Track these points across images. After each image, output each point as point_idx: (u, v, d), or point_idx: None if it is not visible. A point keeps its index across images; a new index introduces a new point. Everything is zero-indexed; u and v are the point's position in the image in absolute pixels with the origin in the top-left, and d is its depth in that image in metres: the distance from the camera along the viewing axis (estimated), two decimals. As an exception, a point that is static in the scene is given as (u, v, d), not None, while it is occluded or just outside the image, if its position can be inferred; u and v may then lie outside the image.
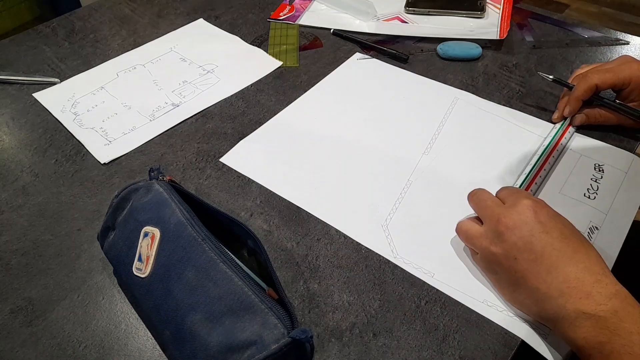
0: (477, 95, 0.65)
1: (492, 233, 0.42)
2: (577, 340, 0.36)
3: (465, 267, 0.46)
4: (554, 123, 0.60)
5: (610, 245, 0.47)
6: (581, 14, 2.31)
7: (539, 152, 0.55)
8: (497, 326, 0.42)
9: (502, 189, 0.46)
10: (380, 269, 0.46)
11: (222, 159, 0.58)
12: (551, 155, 0.54)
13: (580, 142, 0.58)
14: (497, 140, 0.58)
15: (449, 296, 0.44)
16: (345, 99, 0.65)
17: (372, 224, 0.50)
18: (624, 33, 0.75)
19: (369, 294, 0.45)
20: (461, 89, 0.66)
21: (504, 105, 0.63)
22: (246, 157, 0.58)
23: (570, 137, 0.58)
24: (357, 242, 0.49)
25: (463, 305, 0.43)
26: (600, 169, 0.54)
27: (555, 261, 0.39)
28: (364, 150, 0.58)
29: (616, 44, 0.72)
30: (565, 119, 0.59)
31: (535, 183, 0.52)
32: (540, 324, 0.41)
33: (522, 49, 0.73)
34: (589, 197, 0.51)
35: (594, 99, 0.58)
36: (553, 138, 0.57)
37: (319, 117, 0.63)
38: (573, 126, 0.59)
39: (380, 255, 0.47)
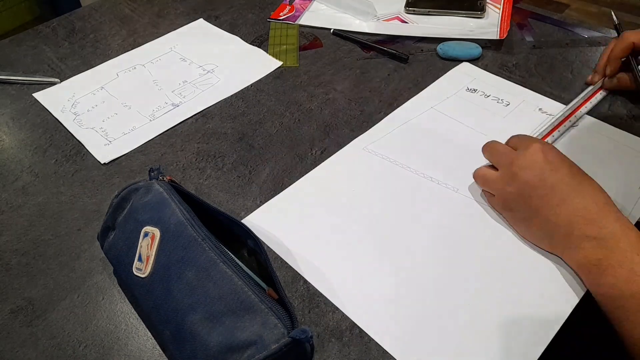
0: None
1: (507, 175, 0.47)
2: (579, 259, 0.42)
3: None
4: (588, 85, 0.63)
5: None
6: (581, 14, 2.31)
7: (562, 110, 0.58)
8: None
9: (512, 137, 0.50)
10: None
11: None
12: (573, 114, 0.56)
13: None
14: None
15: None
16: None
17: None
18: (624, 33, 0.75)
19: (369, 294, 0.45)
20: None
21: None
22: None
23: (599, 102, 0.60)
24: None
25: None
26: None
27: (566, 194, 0.43)
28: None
29: (616, 44, 0.72)
30: (601, 79, 0.62)
31: (552, 136, 0.54)
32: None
33: (522, 49, 0.73)
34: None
35: (632, 61, 0.60)
36: (581, 98, 0.59)
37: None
38: (604, 90, 0.62)
39: (380, 255, 0.47)
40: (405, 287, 0.44)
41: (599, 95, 0.61)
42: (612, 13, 0.66)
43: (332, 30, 0.78)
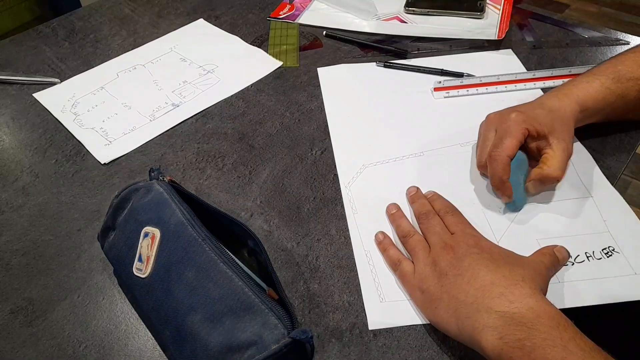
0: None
1: (433, 256, 0.43)
2: (492, 342, 0.34)
3: None
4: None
5: None
6: (581, 14, 2.31)
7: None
8: (497, 326, 0.42)
9: (434, 196, 0.49)
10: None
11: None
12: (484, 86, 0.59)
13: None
14: None
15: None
16: None
17: None
18: (624, 33, 0.75)
19: (369, 294, 0.45)
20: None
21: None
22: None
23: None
24: None
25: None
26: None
27: (477, 272, 0.39)
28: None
29: (616, 44, 0.72)
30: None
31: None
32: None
33: (523, 49, 0.73)
34: None
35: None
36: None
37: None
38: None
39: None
40: None
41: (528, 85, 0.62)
42: None
43: (324, 33, 0.77)
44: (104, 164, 0.58)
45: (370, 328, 0.42)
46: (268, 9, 0.84)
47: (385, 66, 0.70)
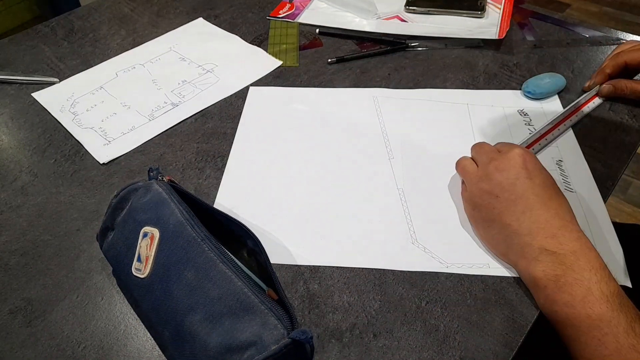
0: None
1: (483, 172, 0.47)
2: (536, 272, 0.41)
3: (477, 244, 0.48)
4: (585, 91, 0.64)
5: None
6: (582, 14, 2.30)
7: (550, 119, 0.58)
8: (498, 326, 0.42)
9: (499, 143, 0.51)
10: (380, 269, 0.46)
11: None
12: (562, 124, 0.58)
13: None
14: (433, 120, 0.61)
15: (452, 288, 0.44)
16: (278, 134, 0.60)
17: (398, 244, 0.48)
18: (624, 32, 0.74)
19: (369, 295, 0.44)
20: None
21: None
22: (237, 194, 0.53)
23: (595, 107, 0.62)
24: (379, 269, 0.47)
25: (464, 306, 0.43)
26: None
27: (531, 204, 0.43)
28: (332, 184, 0.54)
29: (617, 44, 0.72)
30: (594, 87, 0.63)
31: (539, 144, 0.56)
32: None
33: (523, 48, 0.72)
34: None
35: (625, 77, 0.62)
36: (575, 104, 0.61)
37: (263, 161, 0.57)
38: (600, 97, 0.62)
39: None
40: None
41: (592, 104, 0.62)
42: None
43: (317, 31, 0.77)
44: (103, 163, 0.58)
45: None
46: (268, 8, 0.84)
47: (338, 61, 0.71)
